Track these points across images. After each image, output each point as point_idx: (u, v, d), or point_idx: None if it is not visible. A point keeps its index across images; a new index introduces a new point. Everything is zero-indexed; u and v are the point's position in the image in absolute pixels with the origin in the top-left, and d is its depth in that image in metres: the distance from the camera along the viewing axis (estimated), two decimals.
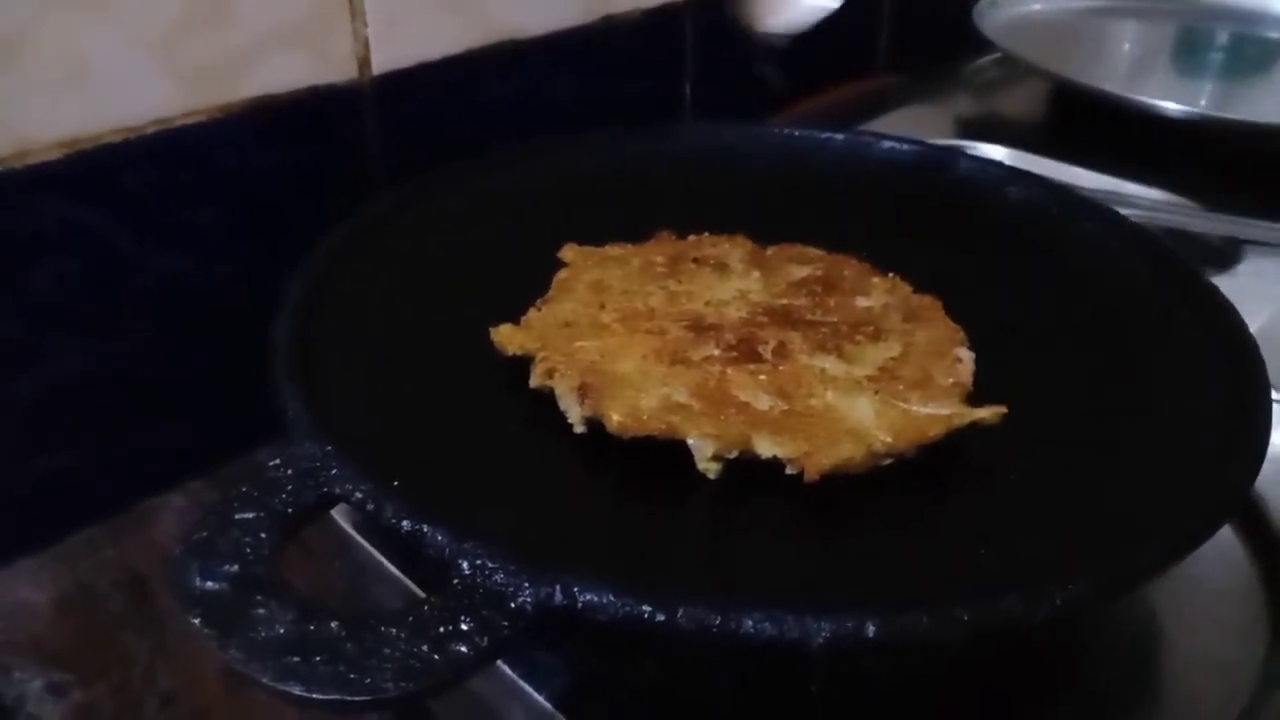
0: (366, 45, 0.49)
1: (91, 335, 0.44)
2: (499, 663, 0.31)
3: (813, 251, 0.43)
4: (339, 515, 0.37)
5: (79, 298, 0.43)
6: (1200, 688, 0.35)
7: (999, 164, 0.50)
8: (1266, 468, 0.33)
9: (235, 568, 0.25)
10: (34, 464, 0.44)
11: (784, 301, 0.39)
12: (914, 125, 0.70)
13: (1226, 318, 0.39)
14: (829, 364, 0.36)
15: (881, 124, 0.71)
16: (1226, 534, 0.39)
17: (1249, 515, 0.39)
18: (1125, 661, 0.35)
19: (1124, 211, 0.52)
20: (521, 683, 0.31)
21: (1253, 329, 0.48)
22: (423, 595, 0.29)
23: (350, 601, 0.39)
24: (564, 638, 0.29)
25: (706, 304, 0.39)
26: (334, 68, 0.48)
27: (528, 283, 0.41)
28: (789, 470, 0.32)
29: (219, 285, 0.47)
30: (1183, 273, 0.41)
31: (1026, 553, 0.30)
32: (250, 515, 0.27)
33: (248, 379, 0.34)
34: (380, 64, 0.50)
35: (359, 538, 0.36)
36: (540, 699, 0.31)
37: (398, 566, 0.35)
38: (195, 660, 0.42)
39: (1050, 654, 0.35)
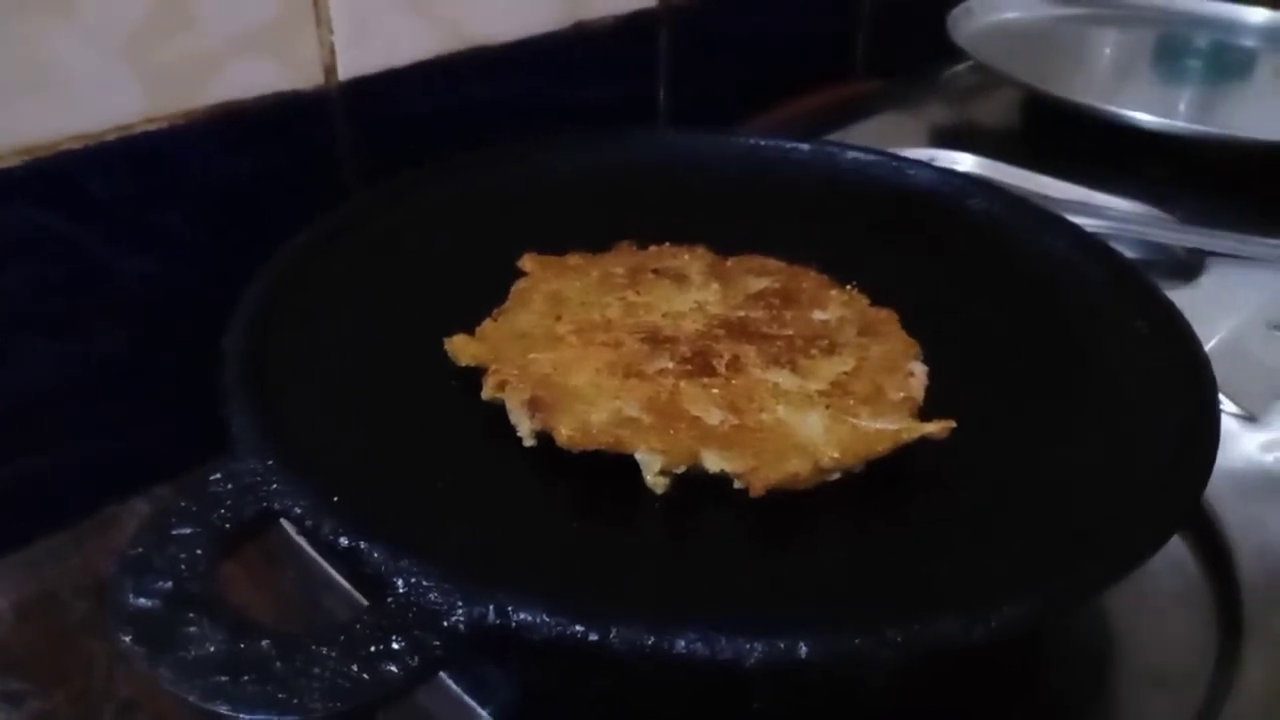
0: (332, 52, 0.49)
1: (58, 340, 0.44)
2: (444, 677, 0.31)
3: (772, 263, 0.43)
4: (290, 526, 0.36)
5: (45, 303, 0.43)
6: (1152, 698, 0.35)
7: (961, 175, 0.51)
8: (1218, 479, 0.33)
9: (170, 585, 0.25)
10: (1, 469, 0.44)
11: (741, 314, 0.39)
12: (888, 133, 0.70)
13: (1180, 331, 0.39)
14: (782, 378, 0.36)
15: (856, 131, 0.71)
16: (1179, 546, 0.39)
17: (1200, 526, 0.39)
18: (1078, 672, 0.35)
19: (1093, 222, 0.52)
20: (466, 698, 0.31)
21: (1214, 340, 0.49)
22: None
23: (302, 612, 0.39)
24: (500, 656, 0.29)
25: (664, 316, 0.39)
26: (300, 74, 0.48)
27: (488, 291, 0.41)
28: (736, 485, 0.32)
29: (187, 291, 0.47)
30: (1139, 286, 0.41)
31: (972, 569, 0.30)
32: (188, 531, 0.27)
33: (214, 385, 0.34)
34: (347, 70, 0.50)
35: (310, 550, 0.36)
36: (484, 714, 0.31)
37: (346, 579, 0.35)
38: (145, 669, 0.42)
39: (1002, 665, 0.35)
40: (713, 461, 0.33)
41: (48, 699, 0.41)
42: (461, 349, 0.37)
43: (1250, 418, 0.44)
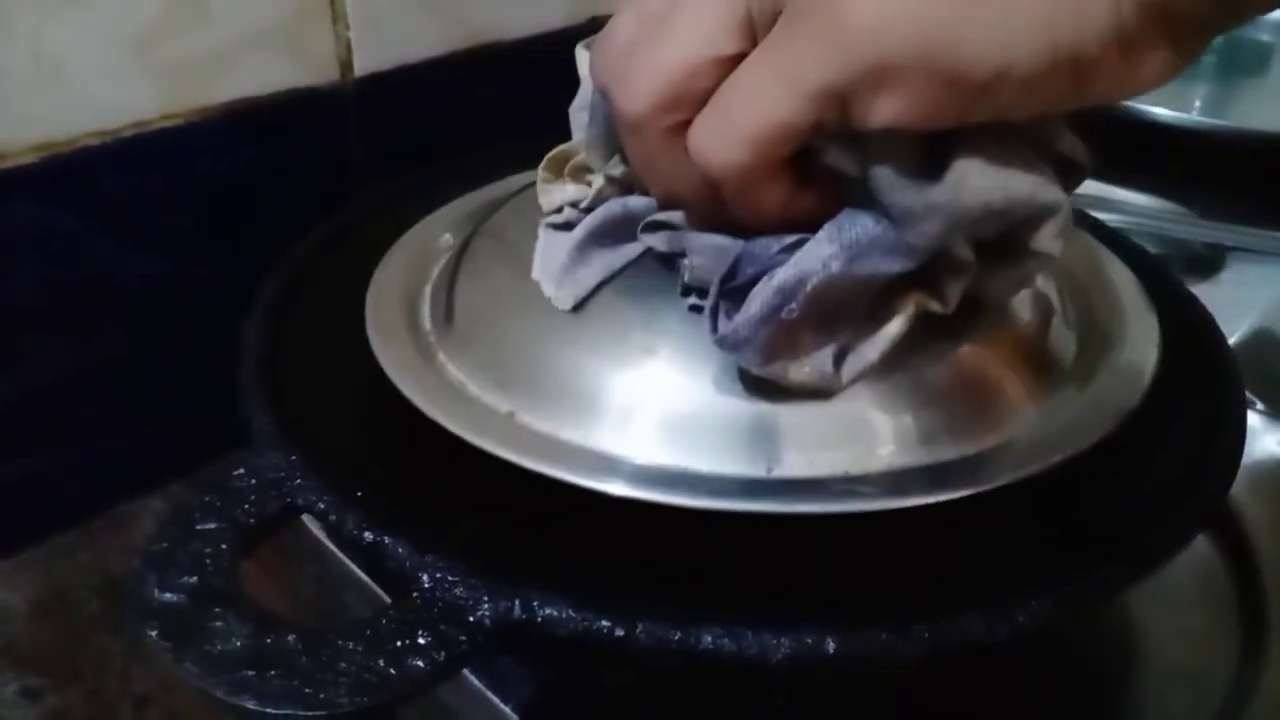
0: (348, 47, 0.49)
1: (68, 337, 0.44)
2: (466, 672, 0.31)
3: None
4: (310, 521, 0.36)
5: (56, 300, 0.43)
6: (1171, 698, 0.35)
7: None
8: (1240, 476, 0.33)
9: (194, 579, 0.25)
10: (10, 466, 0.44)
11: None
12: None
13: (1205, 328, 0.38)
14: None
15: None
16: (1201, 543, 0.39)
17: (1224, 524, 0.38)
18: (1098, 670, 0.35)
19: (1111, 217, 0.52)
20: (487, 692, 0.31)
21: (1236, 335, 0.48)
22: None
23: (321, 609, 0.39)
24: (525, 651, 0.28)
25: None
26: (315, 70, 0.48)
27: None
28: None
29: (198, 287, 0.47)
30: (1162, 282, 0.41)
31: (996, 565, 0.30)
32: (212, 526, 0.27)
33: (227, 381, 0.34)
34: (362, 66, 0.50)
35: (330, 545, 0.36)
36: (506, 709, 0.31)
37: (367, 575, 0.35)
38: (170, 664, 0.42)
39: (1024, 663, 0.35)
40: None
41: (63, 695, 0.41)
42: None
43: (1273, 415, 0.44)
